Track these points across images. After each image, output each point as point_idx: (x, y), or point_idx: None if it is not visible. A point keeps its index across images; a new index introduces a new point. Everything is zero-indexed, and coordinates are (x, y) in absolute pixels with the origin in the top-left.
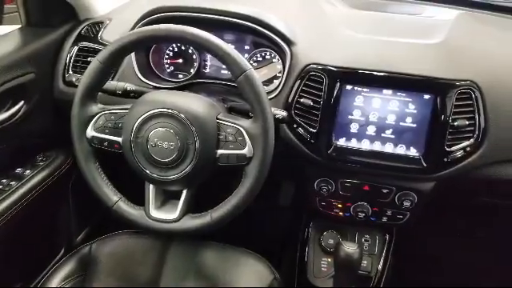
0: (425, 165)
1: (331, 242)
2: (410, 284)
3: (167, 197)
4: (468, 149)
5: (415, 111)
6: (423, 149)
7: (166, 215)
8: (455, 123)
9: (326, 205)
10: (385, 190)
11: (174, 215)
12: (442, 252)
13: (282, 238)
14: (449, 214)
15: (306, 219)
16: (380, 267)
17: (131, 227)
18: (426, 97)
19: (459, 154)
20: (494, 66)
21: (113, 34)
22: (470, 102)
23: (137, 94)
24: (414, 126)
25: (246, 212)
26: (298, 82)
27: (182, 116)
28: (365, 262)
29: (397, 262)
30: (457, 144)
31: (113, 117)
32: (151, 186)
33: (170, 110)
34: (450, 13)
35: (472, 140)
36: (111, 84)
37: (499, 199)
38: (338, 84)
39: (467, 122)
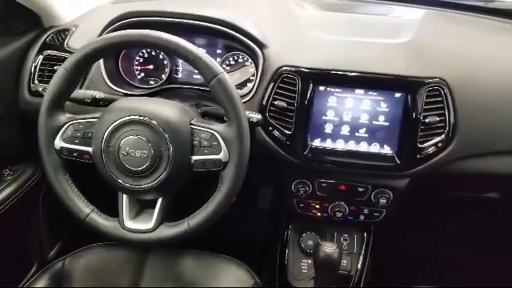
0: (398, 162)
1: (310, 243)
2: (391, 280)
3: (142, 206)
4: (439, 145)
5: (387, 110)
6: (396, 146)
7: (141, 225)
8: (426, 120)
9: (303, 206)
10: (361, 189)
11: (150, 225)
12: (420, 247)
13: (262, 242)
14: (424, 210)
15: (284, 222)
16: (359, 266)
17: (106, 239)
18: (397, 95)
19: (431, 150)
20: (462, 63)
21: (79, 41)
22: (440, 99)
23: (106, 102)
24: (387, 124)
25: (224, 217)
26: (272, 84)
27: (154, 123)
28: (344, 261)
29: (376, 260)
30: (428, 140)
31: (82, 126)
32: (125, 196)
33: (141, 117)
34: (417, 12)
35: (443, 136)
36: (79, 92)
37: (471, 193)
38: (311, 85)
39: (438, 119)
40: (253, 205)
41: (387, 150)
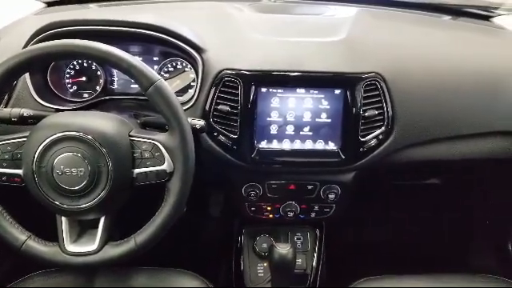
0: (343, 157)
1: (265, 246)
2: (347, 274)
3: (83, 227)
4: (380, 137)
5: (328, 107)
6: (340, 142)
7: (84, 248)
8: (366, 114)
9: (255, 209)
10: (310, 187)
11: (93, 246)
12: (372, 237)
13: (216, 250)
14: (372, 201)
15: (237, 227)
16: (315, 263)
17: (48, 266)
18: (337, 92)
19: (373, 142)
20: (395, 57)
21: (1, 56)
22: (377, 93)
23: (36, 120)
24: (329, 120)
25: (174, 229)
26: (213, 89)
27: (90, 137)
28: (299, 260)
29: (331, 255)
30: (370, 133)
31: (10, 147)
32: (63, 218)
33: (75, 133)
34: (349, 11)
35: (383, 128)
36: (4, 111)
37: (414, 180)
38: (253, 87)
39: (376, 112)
40: (204, 213)
41: (332, 146)
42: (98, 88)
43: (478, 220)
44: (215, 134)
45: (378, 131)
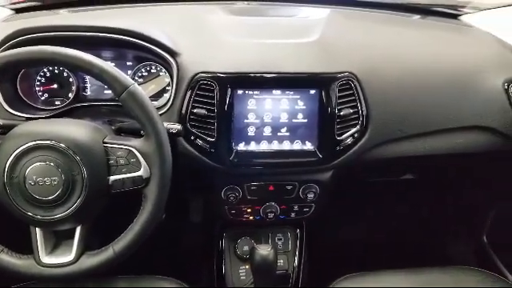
0: (320, 156)
1: (246, 248)
2: (328, 272)
3: (59, 238)
4: (356, 135)
5: (304, 107)
6: (317, 141)
7: (60, 259)
8: (341, 113)
9: (235, 212)
10: (289, 187)
11: (70, 257)
12: (352, 235)
13: (197, 255)
14: (350, 199)
15: (218, 231)
16: (296, 263)
17: (24, 280)
18: (312, 92)
19: (349, 140)
20: (368, 56)
21: None
22: (351, 92)
23: (6, 129)
24: (306, 121)
25: (154, 235)
26: (189, 92)
27: (63, 145)
28: (281, 260)
29: (312, 254)
30: (345, 132)
31: None
32: (38, 230)
33: (47, 141)
34: (322, 12)
35: (358, 126)
36: None
37: (390, 177)
38: (229, 90)
39: (351, 111)
40: (184, 218)
41: (309, 145)
42: (70, 95)
43: (454, 213)
44: (192, 137)
45: (354, 130)
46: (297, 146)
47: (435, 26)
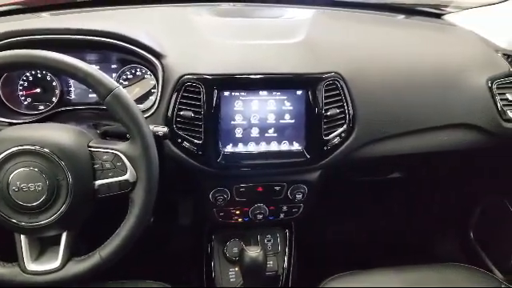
0: (308, 156)
1: (235, 250)
2: (318, 272)
3: (45, 244)
4: (343, 135)
5: (291, 108)
6: (304, 141)
7: (46, 266)
8: (328, 113)
9: (224, 214)
10: (277, 188)
11: (56, 263)
12: (341, 235)
13: (187, 259)
14: (338, 199)
15: (207, 233)
16: (286, 264)
17: None
18: (299, 93)
19: (336, 140)
20: (353, 56)
21: None
22: (338, 92)
23: None
24: (293, 121)
25: (143, 239)
26: (175, 94)
27: (47, 150)
28: (270, 262)
29: (302, 255)
30: (332, 132)
31: None
32: (22, 237)
33: (30, 147)
34: (307, 13)
35: (345, 126)
36: None
37: (378, 176)
38: (216, 91)
39: (338, 111)
40: (172, 222)
41: (296, 146)
42: (54, 99)
43: (441, 211)
44: (179, 140)
45: (341, 129)
46: (284, 146)
47: (419, 25)
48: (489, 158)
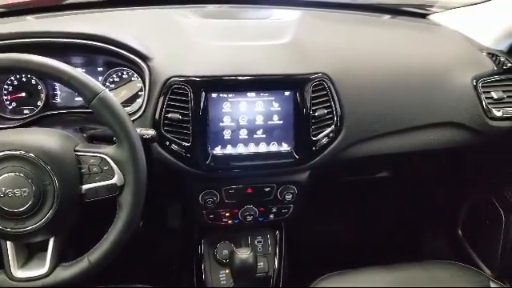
0: (297, 157)
1: (226, 252)
2: (308, 272)
3: (32, 250)
4: (331, 135)
5: (279, 108)
6: (293, 142)
7: (33, 272)
8: (316, 114)
9: (214, 217)
10: (267, 189)
11: (44, 269)
12: (331, 235)
13: (176, 262)
14: (327, 199)
15: (197, 236)
16: (276, 265)
17: None
18: (287, 93)
19: (324, 140)
20: (340, 56)
21: None
22: (325, 92)
23: None
24: (281, 122)
25: (132, 243)
26: (162, 97)
27: (32, 155)
28: (261, 263)
29: (292, 255)
30: (321, 132)
31: None
32: (9, 243)
33: (15, 152)
34: (293, 14)
35: (333, 126)
36: None
37: (366, 175)
38: (204, 93)
39: (326, 111)
40: (162, 225)
41: (285, 146)
42: (39, 103)
43: (429, 209)
44: (167, 143)
45: (329, 129)
46: (273, 147)
47: (405, 25)
48: (475, 156)
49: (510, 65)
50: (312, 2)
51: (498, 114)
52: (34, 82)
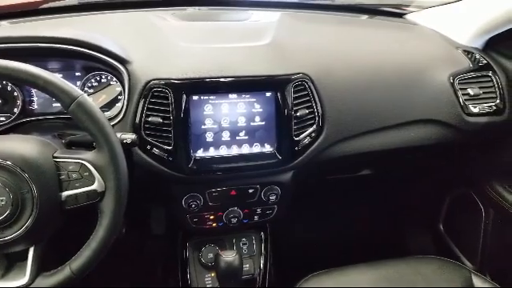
0: (280, 157)
1: (211, 256)
2: (294, 273)
3: (11, 260)
4: (313, 134)
5: (261, 110)
6: (275, 143)
7: (13, 283)
8: (297, 114)
9: (198, 220)
10: (251, 190)
11: (24, 280)
12: (316, 234)
13: (161, 267)
14: (311, 198)
15: (181, 240)
16: (262, 266)
17: None
18: (268, 94)
19: (306, 140)
20: (320, 57)
21: None
22: (306, 93)
23: None
24: (263, 123)
25: (115, 250)
26: (142, 100)
27: (9, 163)
28: (247, 265)
29: (278, 256)
30: (303, 132)
31: None
32: None
33: None
34: (272, 15)
35: (314, 126)
36: None
37: (349, 173)
38: (184, 96)
39: (307, 111)
40: (145, 231)
41: (268, 147)
42: (15, 110)
43: (411, 205)
44: (148, 147)
45: (310, 129)
46: (256, 148)
47: (383, 25)
48: (455, 152)
49: (485, 62)
50: (291, 4)
51: (475, 110)
52: (9, 88)
